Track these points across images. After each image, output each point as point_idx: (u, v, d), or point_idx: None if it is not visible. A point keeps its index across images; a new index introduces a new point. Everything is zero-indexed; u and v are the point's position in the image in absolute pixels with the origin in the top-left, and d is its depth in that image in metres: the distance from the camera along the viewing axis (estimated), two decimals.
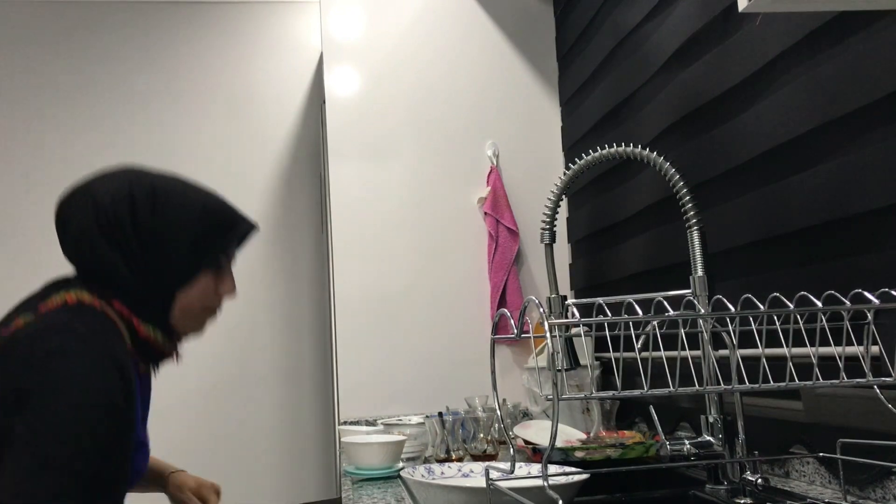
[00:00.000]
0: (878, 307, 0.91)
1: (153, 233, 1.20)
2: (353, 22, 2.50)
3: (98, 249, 1.19)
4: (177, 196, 1.24)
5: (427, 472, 1.33)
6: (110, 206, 1.20)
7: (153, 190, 1.22)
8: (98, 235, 1.19)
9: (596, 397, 0.92)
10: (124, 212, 1.20)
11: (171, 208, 1.22)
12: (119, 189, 1.22)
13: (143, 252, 1.19)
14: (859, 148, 1.14)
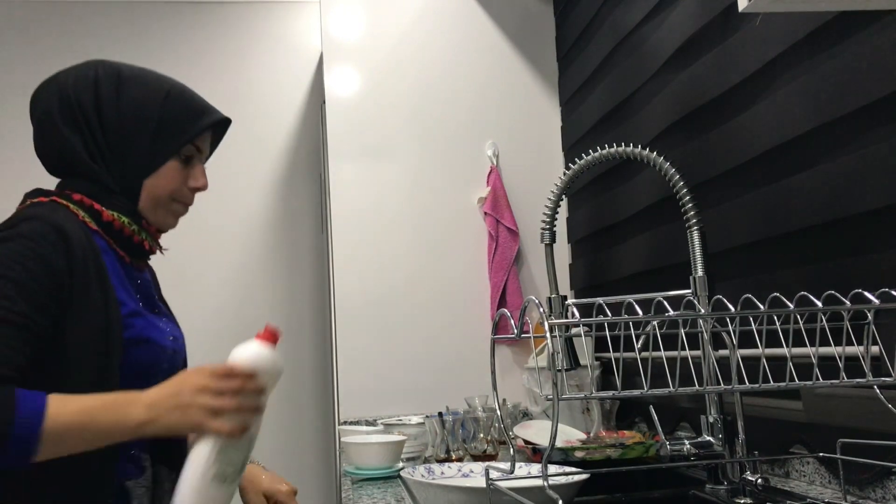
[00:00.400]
0: (878, 307, 0.91)
1: (116, 116, 1.20)
2: (353, 22, 2.50)
3: (58, 132, 1.20)
4: (142, 81, 1.24)
5: (427, 472, 1.33)
6: (73, 89, 1.21)
7: (119, 74, 1.23)
8: (59, 118, 1.20)
9: (596, 397, 0.92)
10: (88, 95, 1.20)
11: (135, 91, 1.22)
12: (84, 74, 1.22)
13: (105, 135, 1.20)
14: (859, 148, 1.14)
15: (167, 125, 1.22)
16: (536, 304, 0.85)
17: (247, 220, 3.03)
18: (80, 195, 1.18)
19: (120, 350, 1.10)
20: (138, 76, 1.24)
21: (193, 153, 1.26)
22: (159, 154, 1.22)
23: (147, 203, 1.23)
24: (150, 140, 1.21)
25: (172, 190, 1.24)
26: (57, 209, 1.14)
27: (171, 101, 1.23)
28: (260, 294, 3.03)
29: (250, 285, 3.01)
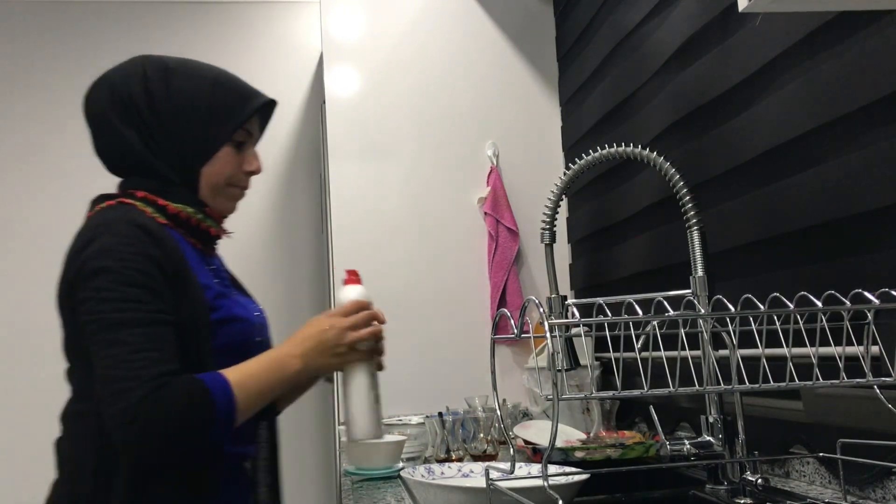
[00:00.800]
0: (878, 307, 0.91)
1: (167, 107, 1.22)
2: (353, 22, 2.50)
3: (115, 130, 1.22)
4: (188, 71, 1.25)
5: (427, 472, 1.33)
6: (123, 85, 1.23)
7: (165, 66, 1.25)
8: (113, 116, 1.22)
9: (596, 397, 0.92)
10: (138, 89, 1.22)
11: (184, 82, 1.24)
12: (132, 69, 1.25)
13: (160, 127, 1.22)
14: (859, 148, 1.13)
15: (218, 112, 1.24)
16: (536, 304, 0.85)
17: (247, 220, 3.03)
18: (144, 192, 1.21)
19: (209, 332, 1.15)
20: (185, 66, 1.26)
21: (245, 138, 1.28)
22: (213, 141, 1.24)
23: (206, 190, 1.25)
24: (203, 128, 1.23)
25: (229, 175, 1.26)
26: (128, 209, 1.16)
27: (220, 87, 1.25)
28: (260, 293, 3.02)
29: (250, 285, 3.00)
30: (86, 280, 1.08)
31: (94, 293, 1.07)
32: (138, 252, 1.10)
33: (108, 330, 1.05)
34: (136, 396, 1.01)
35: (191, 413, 1.04)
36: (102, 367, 1.04)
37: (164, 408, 1.02)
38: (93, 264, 1.08)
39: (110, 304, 1.06)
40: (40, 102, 2.84)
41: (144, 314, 1.07)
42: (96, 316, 1.06)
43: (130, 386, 1.01)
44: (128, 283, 1.07)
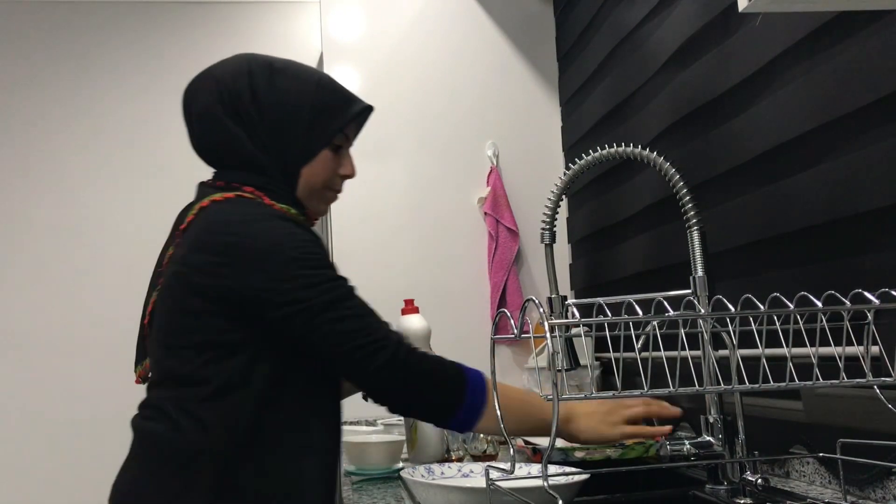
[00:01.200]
0: (878, 307, 0.91)
1: (272, 106, 1.23)
2: (353, 22, 2.50)
3: (223, 126, 1.23)
4: (293, 72, 1.26)
5: (427, 472, 1.33)
6: (231, 82, 1.23)
7: (270, 66, 1.25)
8: (222, 112, 1.23)
9: (596, 397, 0.92)
10: (244, 86, 1.23)
11: (288, 82, 1.24)
12: (237, 68, 1.25)
13: (265, 126, 1.22)
14: (859, 148, 1.13)
15: (320, 114, 1.25)
16: (536, 304, 0.85)
17: None
18: (250, 188, 1.21)
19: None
20: (289, 67, 1.27)
21: (343, 141, 1.29)
22: (314, 142, 1.24)
23: (303, 191, 1.26)
24: (306, 129, 1.24)
25: (326, 178, 1.27)
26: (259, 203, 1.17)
27: (322, 90, 1.26)
28: None
29: None
30: (272, 278, 1.09)
31: (288, 283, 1.09)
32: (305, 238, 1.13)
33: (327, 310, 1.09)
34: (391, 351, 1.10)
35: (441, 383, 1.15)
36: (340, 342, 1.09)
37: (418, 363, 1.13)
38: (274, 258, 1.10)
39: (316, 290, 1.10)
40: (39, 102, 2.84)
41: (341, 288, 1.12)
42: (305, 304, 1.09)
43: (380, 345, 1.10)
44: (315, 265, 1.11)
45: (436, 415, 1.17)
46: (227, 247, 1.12)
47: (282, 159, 1.24)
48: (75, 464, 2.49)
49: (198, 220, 1.17)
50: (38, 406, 2.47)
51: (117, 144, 2.83)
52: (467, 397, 1.15)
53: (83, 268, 2.59)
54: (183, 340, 1.15)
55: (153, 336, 1.20)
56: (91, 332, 2.60)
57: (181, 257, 1.16)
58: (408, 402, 1.15)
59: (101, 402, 2.48)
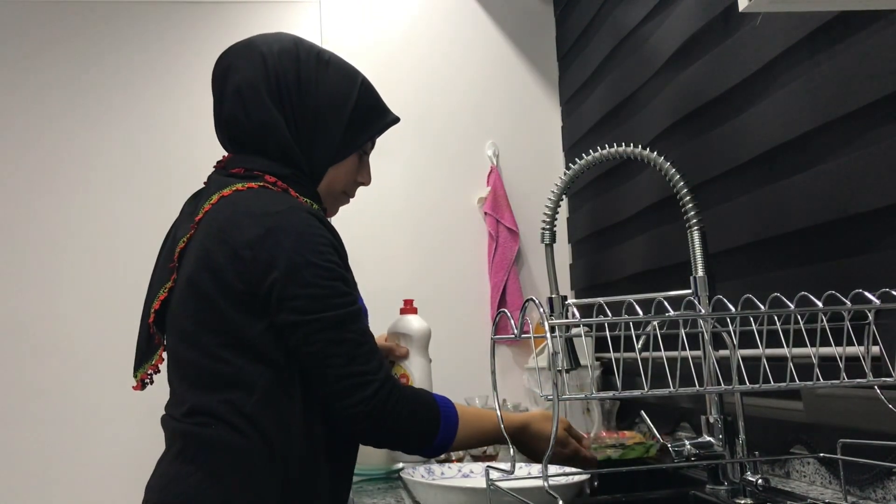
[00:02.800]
0: (878, 307, 0.90)
1: (315, 98, 1.18)
2: (353, 22, 2.50)
3: (263, 105, 1.16)
4: (339, 67, 1.22)
5: (427, 472, 1.33)
6: (278, 61, 1.17)
7: (318, 55, 1.20)
8: (265, 90, 1.16)
9: (596, 397, 0.92)
10: (291, 72, 1.17)
11: (335, 77, 1.20)
12: (286, 47, 1.19)
13: (306, 117, 1.17)
14: (859, 148, 1.13)
15: (358, 117, 1.21)
16: (536, 304, 0.85)
17: None
18: (274, 178, 1.15)
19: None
20: (334, 61, 1.22)
21: (369, 149, 1.27)
22: (348, 145, 1.21)
23: (324, 191, 1.23)
24: (344, 129, 1.20)
25: (347, 182, 1.26)
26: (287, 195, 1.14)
27: (365, 92, 1.23)
28: None
29: None
30: (289, 276, 1.05)
31: (302, 290, 1.06)
32: (325, 238, 1.09)
33: (329, 329, 1.07)
34: (373, 389, 1.07)
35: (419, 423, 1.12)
36: (332, 365, 1.06)
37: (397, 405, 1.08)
38: (291, 257, 1.06)
39: (323, 302, 1.07)
40: (38, 103, 2.84)
41: (350, 308, 1.09)
42: (312, 316, 1.06)
43: (367, 380, 1.07)
44: (330, 276, 1.08)
45: (404, 450, 1.18)
46: (253, 239, 1.06)
47: (312, 154, 1.19)
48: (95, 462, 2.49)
49: (220, 210, 1.11)
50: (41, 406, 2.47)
51: (117, 144, 2.83)
52: (438, 439, 1.14)
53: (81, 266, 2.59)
54: (219, 340, 1.09)
55: (174, 335, 1.14)
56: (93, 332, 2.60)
57: (205, 251, 1.09)
58: (378, 441, 1.14)
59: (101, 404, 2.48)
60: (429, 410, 1.13)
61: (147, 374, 1.20)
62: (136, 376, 1.21)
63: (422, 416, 1.13)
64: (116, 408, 2.40)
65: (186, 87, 2.91)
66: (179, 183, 2.57)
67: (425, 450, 1.15)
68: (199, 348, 1.10)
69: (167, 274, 1.16)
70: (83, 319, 2.52)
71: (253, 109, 1.16)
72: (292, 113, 1.17)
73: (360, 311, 1.11)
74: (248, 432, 1.06)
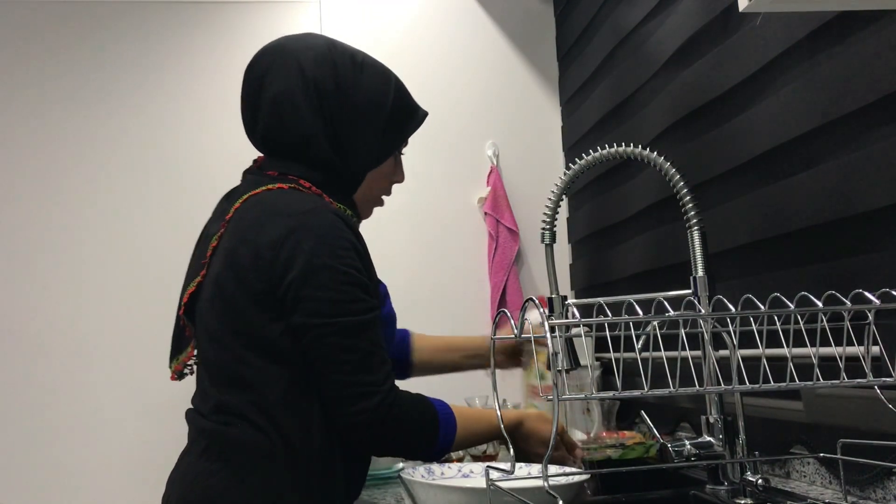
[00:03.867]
0: (878, 307, 0.90)
1: (354, 103, 1.17)
2: (353, 22, 2.50)
3: (300, 116, 1.14)
4: (374, 69, 1.20)
5: (427, 472, 1.33)
6: (315, 69, 1.15)
7: (353, 58, 1.18)
8: (303, 101, 1.14)
9: (596, 398, 0.92)
10: (328, 79, 1.15)
11: (371, 80, 1.18)
12: (321, 53, 1.17)
13: (343, 123, 1.16)
14: (859, 148, 1.13)
15: (395, 119, 1.20)
16: (536, 304, 0.85)
17: None
18: (309, 183, 1.16)
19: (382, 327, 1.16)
20: (368, 62, 1.20)
21: (404, 148, 1.27)
22: (387, 148, 1.21)
23: (361, 196, 1.22)
24: (381, 133, 1.19)
25: (385, 184, 1.26)
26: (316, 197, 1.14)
27: (399, 93, 1.21)
28: None
29: None
30: (305, 276, 1.05)
31: (316, 292, 1.06)
32: (347, 242, 1.10)
33: (339, 335, 1.06)
34: (377, 400, 1.06)
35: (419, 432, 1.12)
36: (339, 371, 1.06)
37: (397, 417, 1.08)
38: (310, 259, 1.06)
39: (337, 307, 1.06)
40: (37, 103, 2.84)
41: (365, 314, 1.08)
42: (324, 320, 1.06)
43: (371, 390, 1.06)
44: (348, 281, 1.07)
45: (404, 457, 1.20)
46: (277, 238, 1.07)
47: (352, 161, 1.18)
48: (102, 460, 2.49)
49: (248, 209, 1.12)
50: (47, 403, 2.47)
51: (120, 144, 2.83)
52: (437, 445, 1.15)
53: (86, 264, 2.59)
54: (241, 340, 1.10)
55: (202, 332, 1.15)
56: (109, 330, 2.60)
57: (231, 250, 1.10)
58: (376, 450, 1.15)
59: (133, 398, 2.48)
60: (428, 419, 1.14)
61: (181, 364, 1.22)
62: (171, 367, 1.23)
63: (421, 425, 1.13)
64: (124, 404, 2.40)
65: (188, 87, 2.91)
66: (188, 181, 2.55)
67: (424, 456, 1.16)
68: (223, 347, 1.11)
69: (198, 269, 1.17)
70: (87, 318, 2.52)
71: (292, 123, 1.15)
72: (332, 122, 1.16)
73: (374, 320, 1.09)
74: (269, 431, 1.07)
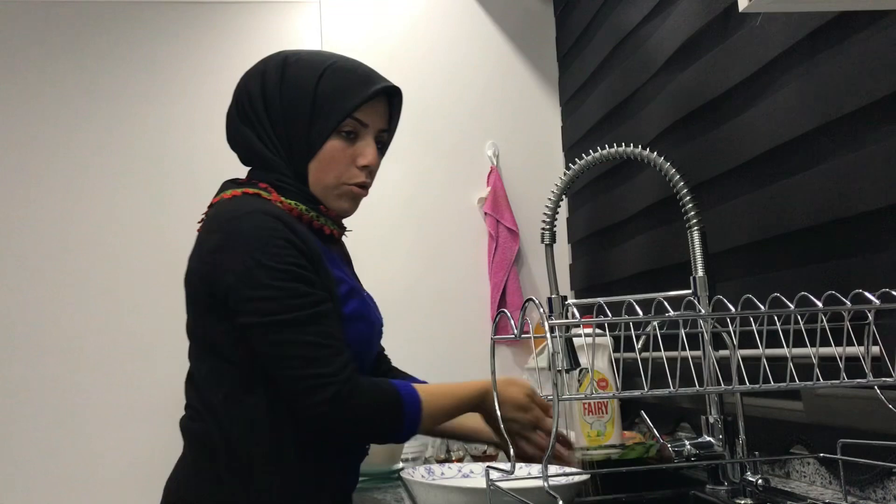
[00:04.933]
0: (878, 307, 0.90)
1: (277, 103, 1.20)
2: (353, 22, 2.50)
3: (236, 127, 1.23)
4: (302, 64, 1.21)
5: (427, 472, 1.33)
6: (245, 84, 1.23)
7: (284, 61, 1.22)
8: (237, 115, 1.23)
9: (596, 398, 0.92)
10: (256, 88, 1.21)
11: (294, 75, 1.20)
12: (257, 67, 1.24)
13: (272, 124, 1.21)
14: (859, 148, 1.13)
15: (321, 104, 1.19)
16: (536, 304, 0.85)
17: None
18: (266, 184, 1.20)
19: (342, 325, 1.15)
20: (301, 60, 1.22)
21: (356, 128, 1.20)
22: (316, 136, 1.19)
23: (316, 189, 1.21)
24: (307, 122, 1.19)
25: (338, 172, 1.20)
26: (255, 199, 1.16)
27: (326, 79, 1.19)
28: None
29: None
30: (243, 278, 1.08)
31: (256, 292, 1.07)
32: (283, 240, 1.09)
33: (285, 331, 1.07)
34: (332, 391, 1.06)
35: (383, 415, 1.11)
36: (289, 367, 1.07)
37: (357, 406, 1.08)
38: (245, 260, 1.08)
39: (279, 304, 1.07)
40: (37, 103, 2.84)
41: (312, 308, 1.08)
42: (268, 318, 1.07)
43: (325, 382, 1.06)
44: (287, 277, 1.08)
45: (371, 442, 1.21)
46: (215, 245, 1.12)
47: (290, 156, 1.20)
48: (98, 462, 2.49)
49: (205, 219, 1.19)
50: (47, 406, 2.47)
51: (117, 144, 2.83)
52: (404, 427, 1.14)
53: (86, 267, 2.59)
54: (197, 341, 1.17)
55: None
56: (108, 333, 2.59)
57: (189, 257, 1.18)
58: (342, 438, 1.16)
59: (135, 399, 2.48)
60: (390, 403, 1.12)
61: None
62: None
63: (384, 410, 1.12)
64: (125, 408, 2.40)
65: (187, 88, 2.91)
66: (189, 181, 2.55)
67: (393, 439, 1.16)
68: (191, 347, 1.19)
69: None
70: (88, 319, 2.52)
71: (234, 138, 1.25)
72: (262, 126, 1.21)
73: (322, 313, 1.09)
74: (213, 430, 1.13)
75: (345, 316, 1.16)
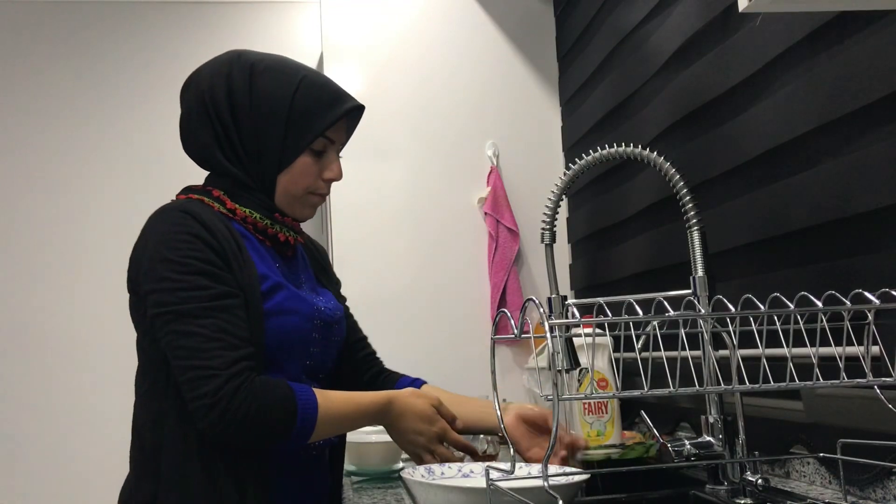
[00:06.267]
0: (878, 307, 0.91)
1: (247, 112, 1.19)
2: (353, 22, 2.50)
3: (193, 130, 1.22)
4: (274, 73, 1.21)
5: (427, 472, 1.33)
6: (208, 86, 1.21)
7: (252, 67, 1.21)
8: (194, 116, 1.21)
9: (596, 398, 0.92)
10: (221, 93, 1.20)
11: (267, 84, 1.20)
12: (219, 68, 1.22)
13: (238, 132, 1.20)
14: (859, 148, 1.13)
15: (297, 120, 1.19)
16: (536, 304, 0.85)
17: None
18: (219, 192, 1.21)
19: (261, 320, 1.15)
20: (270, 69, 1.22)
21: (325, 146, 1.23)
22: (291, 150, 1.20)
23: (282, 198, 1.23)
24: (281, 136, 1.19)
25: (307, 184, 1.23)
26: (191, 202, 1.18)
27: (301, 93, 1.20)
28: None
29: None
30: (147, 273, 1.12)
31: (157, 284, 1.10)
32: (189, 235, 1.11)
33: (177, 321, 1.08)
34: (216, 384, 1.05)
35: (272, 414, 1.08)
36: (178, 357, 1.08)
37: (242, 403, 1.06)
38: (151, 255, 1.12)
39: (175, 295, 1.09)
40: (37, 104, 2.84)
41: (209, 301, 1.09)
42: (163, 308, 1.09)
43: (209, 374, 1.06)
44: (187, 271, 1.10)
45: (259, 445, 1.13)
46: (135, 245, 1.17)
47: (256, 166, 1.20)
48: None
49: None
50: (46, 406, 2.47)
51: (118, 144, 2.83)
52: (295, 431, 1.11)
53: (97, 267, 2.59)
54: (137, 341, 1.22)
55: None
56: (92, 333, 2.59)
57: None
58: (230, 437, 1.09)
59: None
60: (282, 404, 1.10)
61: None
62: None
63: (273, 411, 1.09)
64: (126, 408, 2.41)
65: None
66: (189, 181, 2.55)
67: (284, 441, 1.12)
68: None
69: None
70: (88, 320, 2.52)
71: (189, 140, 1.24)
72: (225, 133, 1.20)
73: (220, 307, 1.09)
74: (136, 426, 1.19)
75: (265, 311, 1.16)
